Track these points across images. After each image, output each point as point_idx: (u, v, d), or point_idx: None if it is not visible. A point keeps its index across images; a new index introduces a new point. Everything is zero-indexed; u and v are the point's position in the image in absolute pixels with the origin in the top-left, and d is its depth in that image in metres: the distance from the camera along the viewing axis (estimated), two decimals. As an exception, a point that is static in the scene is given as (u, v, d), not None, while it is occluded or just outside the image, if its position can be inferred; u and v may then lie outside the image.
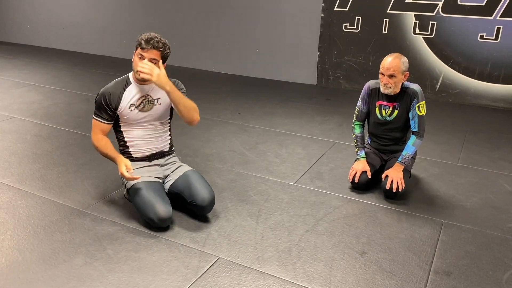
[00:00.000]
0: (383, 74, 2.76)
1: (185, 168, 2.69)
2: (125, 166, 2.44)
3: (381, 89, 2.82)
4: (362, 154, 2.97)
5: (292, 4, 5.64)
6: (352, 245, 2.35)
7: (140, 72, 2.38)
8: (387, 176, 2.83)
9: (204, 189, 2.50)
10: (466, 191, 2.99)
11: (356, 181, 2.89)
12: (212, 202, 2.51)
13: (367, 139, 3.18)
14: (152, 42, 2.40)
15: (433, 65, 5.08)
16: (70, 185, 2.94)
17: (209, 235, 2.41)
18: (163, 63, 2.48)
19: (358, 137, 3.02)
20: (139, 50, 2.43)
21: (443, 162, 3.44)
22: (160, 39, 2.44)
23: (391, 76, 2.73)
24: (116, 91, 2.52)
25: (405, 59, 2.76)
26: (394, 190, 2.75)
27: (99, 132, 2.56)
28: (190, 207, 2.55)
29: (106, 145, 2.54)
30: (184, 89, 2.63)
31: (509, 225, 2.58)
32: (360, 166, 2.91)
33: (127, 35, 6.69)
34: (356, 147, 3.03)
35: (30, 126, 4.04)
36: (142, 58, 2.42)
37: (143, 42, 2.41)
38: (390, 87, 2.76)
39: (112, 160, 2.53)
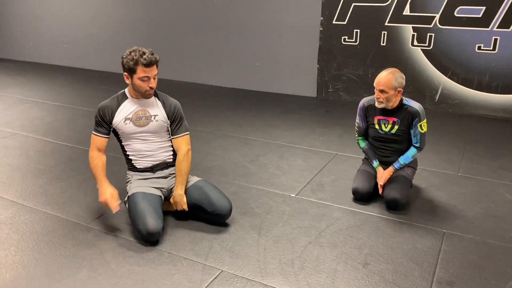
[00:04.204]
0: (375, 88, 2.80)
1: (194, 178, 2.72)
2: (110, 194, 2.52)
3: (375, 103, 2.85)
4: (376, 163, 3.02)
5: (291, 18, 5.71)
6: (354, 257, 2.36)
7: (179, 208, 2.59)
8: (387, 186, 2.85)
9: (223, 199, 2.58)
10: (467, 200, 3.00)
11: (380, 192, 2.93)
12: (231, 209, 2.60)
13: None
14: (151, 59, 2.43)
15: (432, 76, 5.12)
16: (73, 200, 2.96)
17: (212, 248, 2.42)
18: None
19: (366, 150, 3.07)
20: (140, 72, 2.43)
21: (444, 172, 3.46)
22: (151, 52, 2.47)
23: (381, 91, 2.76)
24: (111, 105, 2.57)
25: (399, 75, 2.76)
26: (380, 193, 2.91)
27: (95, 149, 2.61)
28: (210, 217, 2.60)
29: (97, 166, 2.60)
30: (182, 112, 2.69)
31: (511, 234, 2.58)
32: (380, 175, 2.97)
33: (129, 50, 6.77)
34: (368, 160, 3.07)
35: (33, 142, 4.07)
36: (147, 80, 2.45)
37: (143, 61, 2.41)
38: (382, 102, 2.80)
39: (97, 181, 2.60)
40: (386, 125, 2.92)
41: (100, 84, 6.43)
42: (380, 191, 2.94)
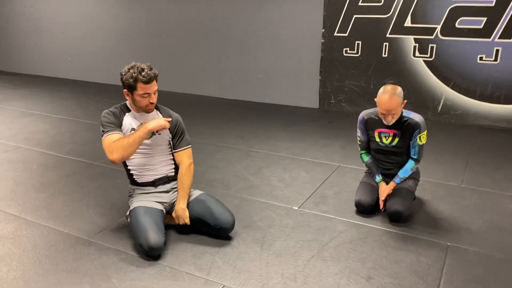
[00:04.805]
0: (384, 114, 2.77)
1: (196, 192, 2.71)
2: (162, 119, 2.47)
3: (384, 122, 2.83)
4: (378, 178, 3.00)
5: (293, 30, 5.75)
6: (358, 270, 2.34)
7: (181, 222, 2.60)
8: (390, 199, 2.84)
9: (226, 212, 2.58)
10: (471, 213, 2.97)
11: (381, 208, 2.93)
12: (234, 223, 2.59)
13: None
14: (150, 75, 2.41)
15: (434, 87, 5.12)
16: (75, 214, 2.96)
17: (214, 262, 2.41)
18: None
19: (369, 164, 3.06)
20: (140, 89, 2.42)
21: (447, 184, 3.43)
22: (150, 68, 2.45)
23: (394, 114, 2.76)
24: (116, 112, 2.58)
25: (399, 90, 2.74)
26: (381, 208, 2.91)
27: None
28: (213, 231, 2.59)
29: (123, 138, 2.43)
30: (183, 126, 2.68)
31: (516, 247, 2.56)
32: (381, 190, 2.96)
33: (132, 63, 6.81)
34: (371, 174, 3.06)
35: (36, 155, 4.08)
36: (148, 96, 2.46)
37: (142, 79, 2.40)
38: (394, 119, 2.79)
39: (144, 134, 2.42)
40: (386, 138, 2.91)
41: (104, 97, 6.46)
42: (381, 206, 2.93)
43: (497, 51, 4.72)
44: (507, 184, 3.43)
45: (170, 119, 2.56)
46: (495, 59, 4.76)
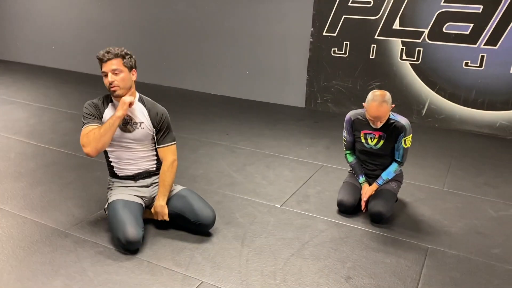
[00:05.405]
0: (372, 120, 2.77)
1: (177, 187, 2.67)
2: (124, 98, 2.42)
3: (372, 125, 2.83)
4: (362, 179, 3.00)
5: (282, 28, 5.73)
6: (337, 270, 2.33)
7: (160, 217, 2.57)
8: (372, 200, 2.85)
9: (206, 208, 2.54)
10: (451, 216, 3.00)
11: (363, 208, 2.93)
12: (214, 219, 2.56)
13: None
14: (108, 54, 2.39)
15: (420, 90, 5.16)
16: (53, 204, 2.89)
17: (193, 258, 2.37)
18: (131, 70, 2.47)
19: (353, 165, 3.05)
20: (101, 67, 2.43)
21: (429, 187, 3.46)
22: (116, 48, 2.42)
23: (382, 120, 2.77)
24: (99, 103, 2.54)
25: (388, 97, 2.73)
26: (362, 208, 2.92)
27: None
28: (193, 227, 2.56)
29: (98, 128, 2.39)
30: (169, 121, 2.61)
31: (494, 251, 2.58)
32: (364, 191, 2.96)
33: (118, 54, 6.70)
34: (355, 175, 3.06)
35: (15, 144, 3.98)
36: (106, 75, 2.42)
37: (97, 55, 2.41)
38: (382, 123, 2.80)
39: (114, 121, 2.37)
40: (372, 139, 2.91)
41: (87, 87, 6.35)
42: (363, 206, 2.93)
43: (482, 57, 4.78)
44: (487, 189, 3.47)
45: (134, 95, 2.52)
46: (480, 66, 4.81)
